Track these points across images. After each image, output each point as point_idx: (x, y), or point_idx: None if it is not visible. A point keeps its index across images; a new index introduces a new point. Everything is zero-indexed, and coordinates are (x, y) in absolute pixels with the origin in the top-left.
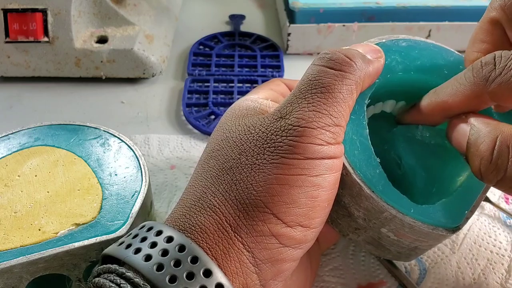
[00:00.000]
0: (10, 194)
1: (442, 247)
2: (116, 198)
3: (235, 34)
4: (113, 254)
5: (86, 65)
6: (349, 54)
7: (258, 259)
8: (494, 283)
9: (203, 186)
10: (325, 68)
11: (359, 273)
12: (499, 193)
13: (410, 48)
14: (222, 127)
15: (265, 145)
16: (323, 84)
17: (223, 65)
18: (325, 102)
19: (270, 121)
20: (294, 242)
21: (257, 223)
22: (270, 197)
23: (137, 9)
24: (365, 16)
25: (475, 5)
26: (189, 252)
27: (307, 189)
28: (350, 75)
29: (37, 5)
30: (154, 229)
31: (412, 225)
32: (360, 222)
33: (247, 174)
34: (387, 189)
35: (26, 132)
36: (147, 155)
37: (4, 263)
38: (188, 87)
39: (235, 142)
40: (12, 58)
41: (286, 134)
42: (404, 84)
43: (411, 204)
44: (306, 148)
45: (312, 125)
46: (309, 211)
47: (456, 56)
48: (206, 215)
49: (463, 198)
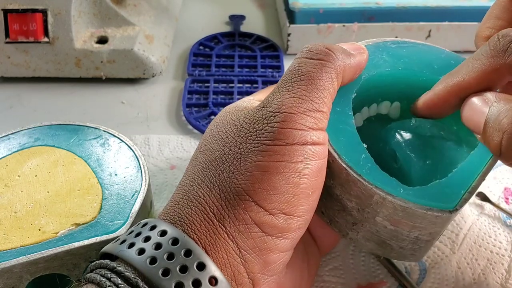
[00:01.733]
0: (10, 194)
1: (442, 247)
2: (116, 198)
3: (235, 35)
4: (108, 251)
5: (86, 65)
6: (328, 46)
7: (243, 249)
8: (494, 283)
9: (190, 180)
10: (305, 59)
11: (359, 273)
12: (499, 193)
13: (398, 48)
14: (212, 126)
15: (248, 134)
16: (302, 73)
17: (223, 66)
18: (305, 88)
19: (253, 111)
20: (277, 230)
21: (238, 211)
22: (251, 184)
23: (137, 9)
24: (365, 16)
25: (475, 5)
26: (182, 245)
27: (288, 176)
28: (329, 64)
29: (37, 6)
30: (148, 225)
31: (404, 206)
32: (355, 214)
33: (230, 164)
34: (374, 172)
35: (26, 132)
36: (147, 155)
37: (4, 263)
38: (188, 88)
39: (220, 135)
40: (12, 58)
41: (267, 121)
42: (397, 83)
43: (400, 185)
44: (287, 134)
45: (292, 110)
46: (291, 198)
47: (447, 53)
48: (193, 207)
49: (459, 179)
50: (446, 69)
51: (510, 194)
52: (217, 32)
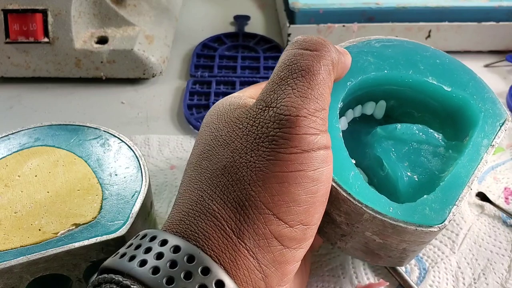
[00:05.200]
0: (10, 195)
1: (442, 247)
2: (116, 198)
3: (239, 35)
4: (109, 266)
5: (86, 65)
6: (321, 38)
7: (263, 264)
8: (494, 283)
9: (198, 189)
10: (301, 51)
11: (359, 273)
12: (498, 193)
13: (384, 47)
14: (209, 127)
15: (258, 140)
16: (302, 67)
17: (225, 67)
18: (308, 86)
19: (256, 112)
20: (295, 242)
21: (258, 226)
22: (270, 197)
23: (137, 9)
24: (365, 16)
25: (475, 6)
26: (184, 252)
27: (307, 185)
28: (326, 55)
29: (37, 6)
30: (158, 238)
31: (393, 224)
32: (344, 227)
33: (244, 174)
34: (364, 190)
35: (26, 133)
36: (147, 155)
37: (4, 263)
38: (190, 89)
39: (225, 140)
40: (12, 58)
41: (278, 125)
42: (381, 84)
43: (390, 203)
44: (302, 140)
45: (303, 113)
46: (309, 208)
47: (432, 51)
48: (207, 221)
49: (447, 193)
50: (431, 69)
51: (510, 194)
52: (221, 33)
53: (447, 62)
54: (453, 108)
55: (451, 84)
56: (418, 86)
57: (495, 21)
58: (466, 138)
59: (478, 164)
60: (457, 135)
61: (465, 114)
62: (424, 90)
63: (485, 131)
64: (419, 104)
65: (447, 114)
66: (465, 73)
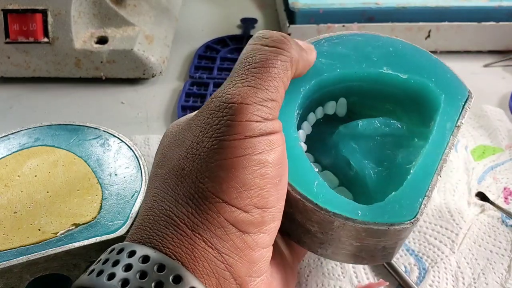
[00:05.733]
0: (10, 194)
1: (442, 247)
2: (116, 198)
3: (243, 38)
4: (78, 284)
5: (86, 65)
6: (283, 34)
7: (224, 253)
8: (494, 283)
9: (152, 195)
10: (259, 46)
11: (359, 273)
12: (498, 193)
13: (333, 45)
14: (166, 137)
15: (203, 131)
16: (257, 60)
17: (226, 69)
18: (260, 76)
19: (205, 104)
20: (253, 226)
21: (212, 215)
22: (218, 185)
23: (137, 9)
24: (364, 16)
25: (475, 6)
26: (153, 261)
27: (254, 169)
28: (284, 52)
29: (37, 6)
30: (115, 250)
31: (364, 228)
32: (320, 236)
33: (190, 168)
34: (330, 198)
35: (26, 133)
36: (147, 155)
37: (4, 263)
38: (186, 90)
39: (177, 143)
40: (12, 58)
41: (222, 113)
42: (337, 82)
43: (359, 207)
44: (245, 127)
45: (247, 101)
46: (261, 191)
47: (384, 39)
48: (161, 221)
49: (415, 186)
50: (385, 59)
51: (509, 194)
52: (226, 35)
53: (400, 48)
54: (414, 94)
55: (407, 70)
56: (374, 78)
57: (495, 21)
58: (432, 123)
59: (445, 148)
60: (424, 120)
61: (426, 99)
62: (381, 81)
63: (448, 113)
64: (380, 95)
65: (409, 100)
66: (421, 56)
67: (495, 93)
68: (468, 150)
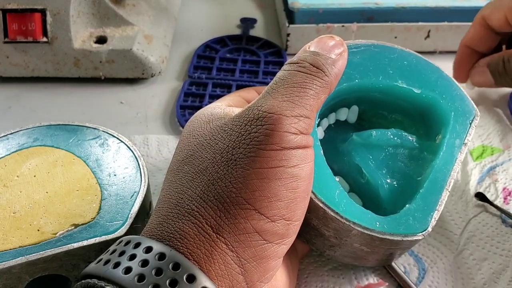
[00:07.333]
0: (9, 195)
1: (442, 247)
2: (115, 199)
3: (242, 38)
4: (92, 272)
5: (85, 65)
6: (315, 63)
7: (243, 259)
8: (494, 283)
9: (178, 192)
10: (295, 72)
11: (358, 273)
12: (497, 193)
13: (352, 55)
14: (192, 134)
15: (239, 138)
16: (295, 81)
17: (224, 69)
18: (298, 94)
19: (242, 112)
20: (277, 237)
21: (239, 220)
22: (250, 192)
23: (136, 9)
24: (364, 16)
25: (474, 6)
26: (169, 259)
27: (287, 181)
28: (320, 79)
29: (36, 5)
30: (131, 242)
31: (381, 238)
32: (333, 240)
33: (224, 172)
34: (350, 208)
35: (25, 133)
36: (146, 155)
37: (3, 263)
38: (185, 90)
39: (209, 143)
40: (11, 58)
41: (261, 122)
42: (353, 91)
43: (376, 218)
44: (282, 137)
45: (286, 113)
46: (291, 203)
47: (399, 52)
48: (185, 220)
49: (426, 201)
50: (400, 72)
51: (508, 194)
52: (225, 35)
53: (414, 62)
54: (424, 108)
55: (420, 85)
56: (389, 91)
57: None
58: (438, 136)
59: (453, 165)
60: (429, 133)
61: (435, 114)
62: (395, 94)
63: (457, 130)
64: (390, 105)
65: (418, 113)
66: (432, 72)
67: (495, 93)
68: (467, 151)
